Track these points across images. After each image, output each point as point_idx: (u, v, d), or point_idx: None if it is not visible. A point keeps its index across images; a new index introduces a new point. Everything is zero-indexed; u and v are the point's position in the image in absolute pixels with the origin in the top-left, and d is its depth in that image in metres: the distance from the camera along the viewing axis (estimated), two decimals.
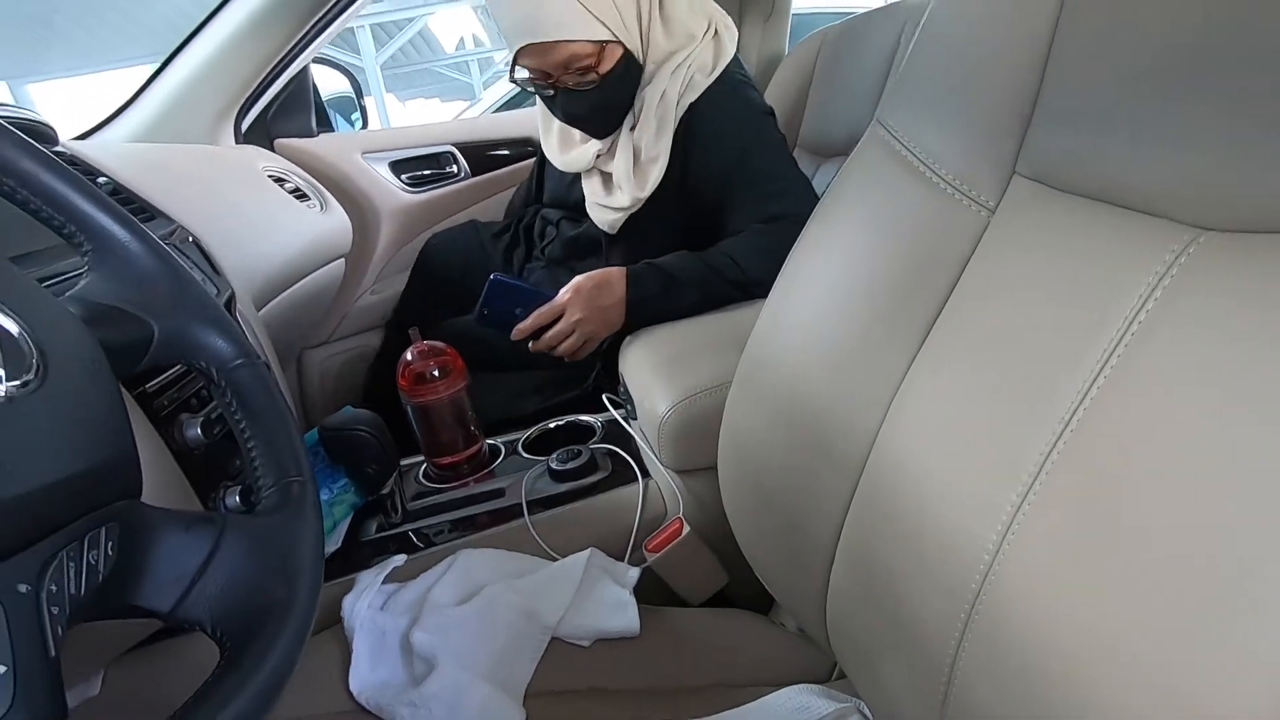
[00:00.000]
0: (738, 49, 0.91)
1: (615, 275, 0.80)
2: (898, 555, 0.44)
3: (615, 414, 0.75)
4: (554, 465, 0.70)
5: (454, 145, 1.42)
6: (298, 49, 1.20)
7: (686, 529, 0.61)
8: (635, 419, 0.72)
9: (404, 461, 0.76)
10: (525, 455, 0.77)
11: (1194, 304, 0.30)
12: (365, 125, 1.50)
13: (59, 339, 0.29)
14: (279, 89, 1.25)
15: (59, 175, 0.37)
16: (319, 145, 1.32)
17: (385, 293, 1.38)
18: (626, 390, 0.74)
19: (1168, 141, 0.33)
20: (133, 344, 0.38)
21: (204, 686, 0.28)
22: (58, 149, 0.71)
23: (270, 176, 1.16)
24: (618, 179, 0.89)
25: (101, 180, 0.71)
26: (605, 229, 0.93)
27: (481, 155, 1.44)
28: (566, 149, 0.97)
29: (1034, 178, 0.42)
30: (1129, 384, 0.32)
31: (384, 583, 0.59)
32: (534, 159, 1.44)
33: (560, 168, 0.98)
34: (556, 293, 0.80)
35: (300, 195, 1.20)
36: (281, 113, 1.29)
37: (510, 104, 2.74)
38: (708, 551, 0.62)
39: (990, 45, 0.44)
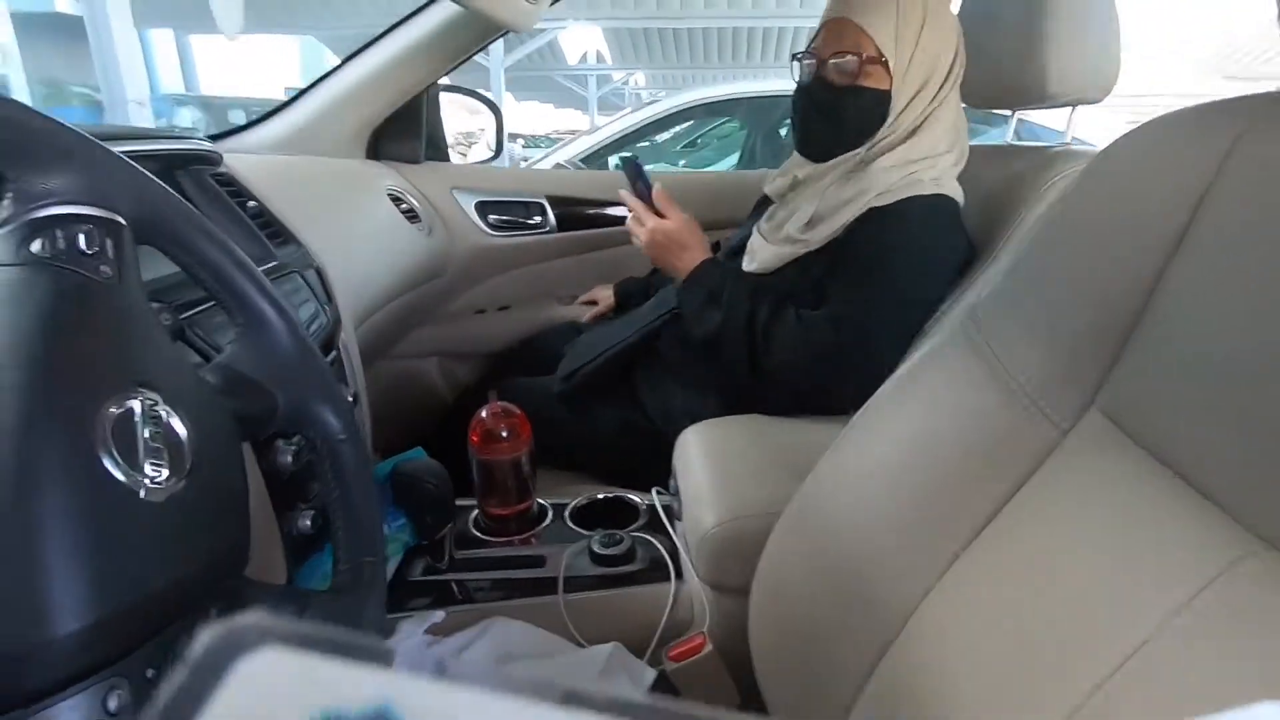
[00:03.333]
0: None
1: (692, 257, 0.92)
2: None
3: (659, 507, 0.78)
4: (595, 548, 0.73)
5: (546, 196, 1.42)
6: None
7: (709, 647, 0.63)
8: (679, 519, 0.74)
9: (460, 502, 0.81)
10: (570, 525, 0.80)
11: (1230, 624, 0.31)
12: (497, 155, 1.55)
13: (209, 432, 0.35)
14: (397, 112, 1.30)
15: (233, 261, 0.43)
16: (415, 172, 1.36)
17: (443, 325, 1.42)
18: (676, 485, 0.77)
19: (1240, 435, 0.34)
20: (261, 415, 0.43)
21: None
22: (220, 170, 0.79)
23: (390, 195, 1.24)
24: (790, 212, 0.92)
25: (251, 205, 0.79)
26: (756, 266, 0.95)
27: (572, 211, 1.42)
28: (779, 175, 1.00)
29: (1110, 417, 0.43)
30: (1163, 674, 0.33)
31: (423, 634, 0.63)
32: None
33: (767, 191, 1.02)
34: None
35: (413, 216, 1.28)
36: (394, 135, 1.33)
37: (622, 141, 2.81)
38: (725, 673, 0.64)
39: (1096, 264, 0.45)
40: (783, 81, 3.15)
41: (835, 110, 0.89)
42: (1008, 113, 1.05)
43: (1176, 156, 0.41)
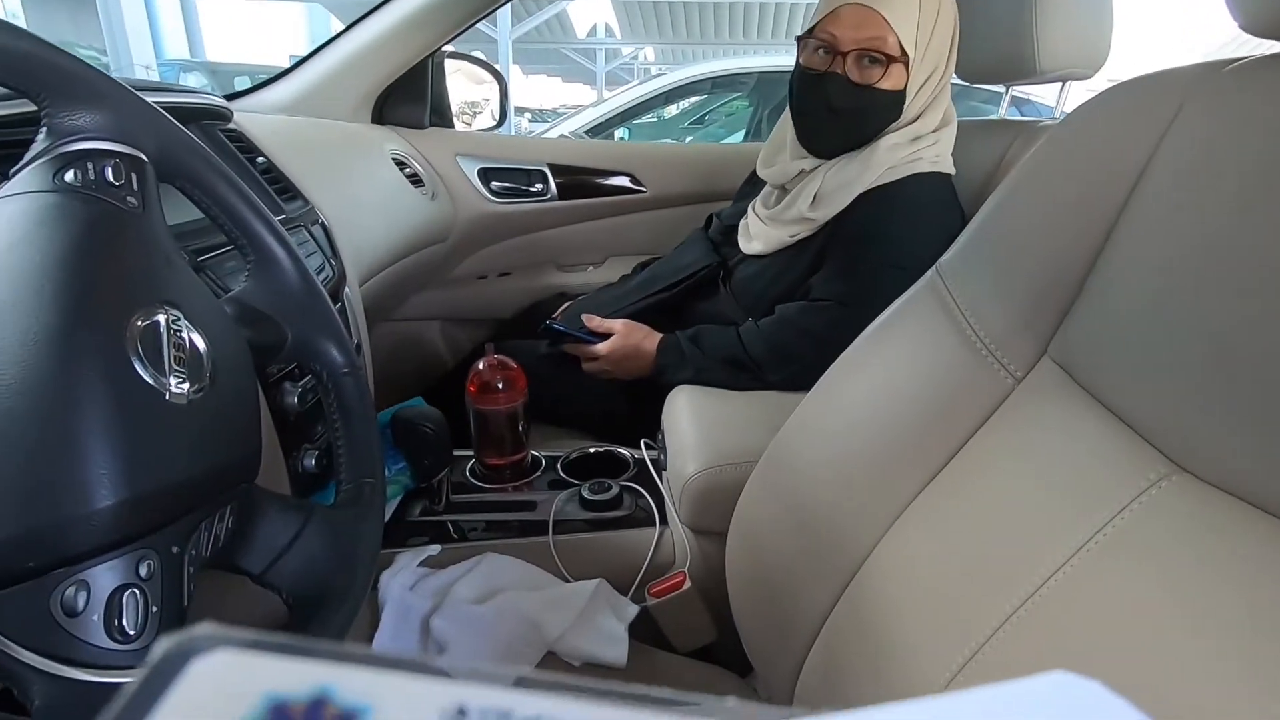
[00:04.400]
0: None
1: (647, 347, 0.93)
2: (865, 662, 0.49)
3: (648, 459, 0.82)
4: (585, 494, 0.77)
5: (548, 164, 1.44)
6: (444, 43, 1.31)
7: (688, 584, 0.67)
8: (665, 470, 0.78)
9: (458, 452, 0.85)
10: (562, 475, 0.84)
11: (1144, 539, 0.35)
12: (500, 124, 1.56)
13: (226, 352, 0.38)
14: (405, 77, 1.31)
15: (246, 203, 0.46)
16: (420, 137, 1.37)
17: (445, 289, 1.45)
18: (664, 439, 0.81)
19: (1170, 377, 0.37)
20: (271, 346, 0.47)
21: None
22: (230, 127, 0.82)
23: (394, 159, 1.27)
24: (794, 196, 0.92)
25: (260, 160, 0.82)
26: (753, 249, 0.95)
27: (572, 180, 1.44)
28: (774, 161, 0.98)
29: (1061, 364, 0.46)
30: (1082, 588, 0.36)
31: (418, 566, 0.67)
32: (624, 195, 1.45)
33: (763, 176, 1.00)
34: (597, 338, 0.96)
35: (416, 181, 1.30)
36: (399, 100, 1.34)
37: (628, 114, 2.82)
38: (703, 608, 0.68)
39: (1052, 224, 0.48)
40: (791, 58, 3.12)
41: (853, 111, 0.86)
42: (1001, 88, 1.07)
43: (1125, 125, 0.44)
